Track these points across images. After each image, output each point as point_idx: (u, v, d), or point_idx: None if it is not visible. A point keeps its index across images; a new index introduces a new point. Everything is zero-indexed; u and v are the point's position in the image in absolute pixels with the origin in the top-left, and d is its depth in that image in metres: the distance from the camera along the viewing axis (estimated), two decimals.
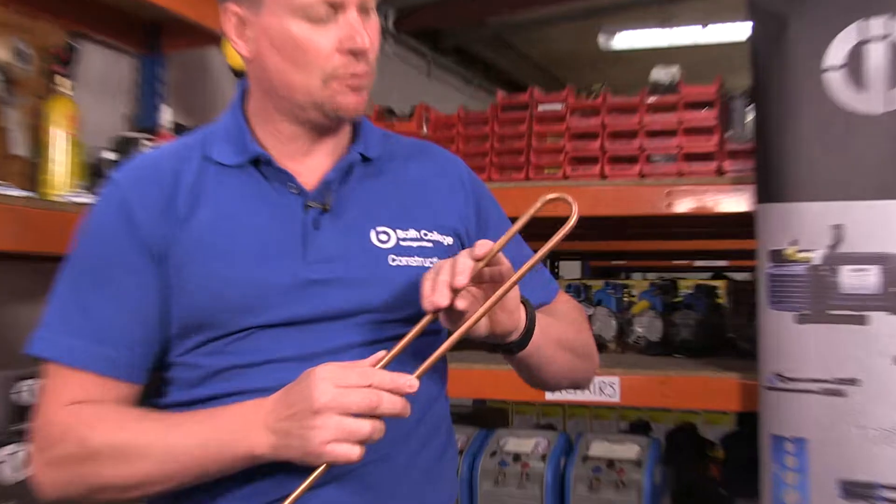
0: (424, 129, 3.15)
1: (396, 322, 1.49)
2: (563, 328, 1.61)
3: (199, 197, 1.47)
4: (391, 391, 1.30)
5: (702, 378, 2.69)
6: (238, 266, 1.43)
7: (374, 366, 1.33)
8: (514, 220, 1.43)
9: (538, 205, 1.37)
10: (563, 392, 2.55)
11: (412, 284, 1.47)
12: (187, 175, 1.49)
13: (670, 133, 2.84)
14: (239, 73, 2.86)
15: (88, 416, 1.42)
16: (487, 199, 1.70)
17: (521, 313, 1.47)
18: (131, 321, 1.45)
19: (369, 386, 1.29)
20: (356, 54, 1.46)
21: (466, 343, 1.44)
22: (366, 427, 1.29)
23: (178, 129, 3.05)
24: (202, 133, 1.58)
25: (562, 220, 1.34)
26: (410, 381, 1.30)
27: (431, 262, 1.52)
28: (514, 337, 1.47)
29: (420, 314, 1.37)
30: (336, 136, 1.56)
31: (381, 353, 1.36)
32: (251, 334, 1.44)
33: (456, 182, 1.65)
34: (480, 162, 3.01)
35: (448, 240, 1.58)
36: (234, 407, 1.39)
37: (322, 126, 1.52)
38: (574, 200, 1.34)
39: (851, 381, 2.33)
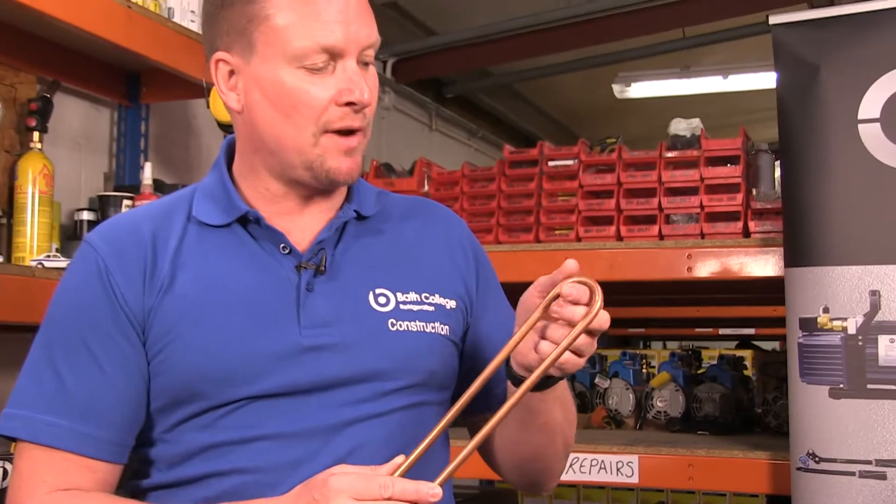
0: (426, 186, 3.19)
1: (398, 392, 1.50)
2: (570, 401, 1.63)
3: (182, 261, 1.48)
4: (413, 503, 1.30)
5: (729, 458, 2.71)
6: (226, 333, 1.44)
7: (393, 472, 1.33)
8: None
9: (550, 296, 1.36)
10: (578, 472, 2.52)
11: (414, 350, 1.51)
12: (169, 238, 1.50)
13: (691, 191, 2.87)
14: (225, 128, 2.89)
15: None
16: (487, 267, 1.70)
17: None
18: (114, 397, 1.45)
19: (389, 498, 1.29)
20: (355, 109, 1.46)
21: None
22: None
23: (158, 187, 3.05)
24: (186, 192, 1.59)
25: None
26: (433, 490, 1.30)
27: (433, 328, 1.55)
28: None
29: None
30: (329, 194, 1.57)
31: (400, 458, 1.35)
32: (240, 407, 1.44)
33: (456, 243, 1.66)
34: (486, 222, 3.09)
35: (451, 303, 1.59)
36: None
37: (313, 187, 1.53)
38: (596, 285, 1.32)
39: (893, 463, 2.31)
